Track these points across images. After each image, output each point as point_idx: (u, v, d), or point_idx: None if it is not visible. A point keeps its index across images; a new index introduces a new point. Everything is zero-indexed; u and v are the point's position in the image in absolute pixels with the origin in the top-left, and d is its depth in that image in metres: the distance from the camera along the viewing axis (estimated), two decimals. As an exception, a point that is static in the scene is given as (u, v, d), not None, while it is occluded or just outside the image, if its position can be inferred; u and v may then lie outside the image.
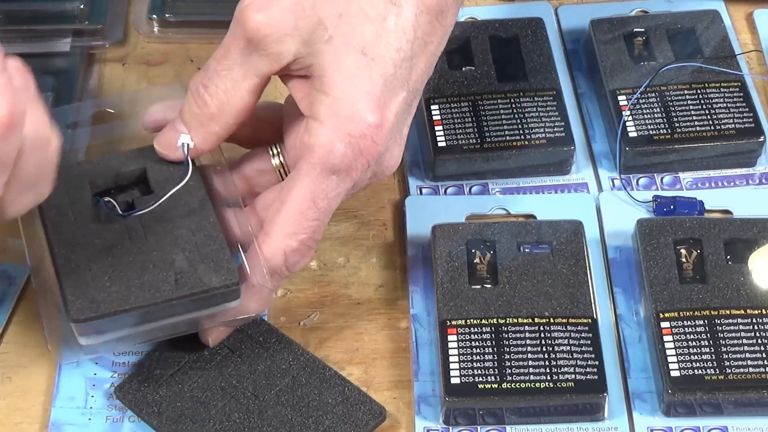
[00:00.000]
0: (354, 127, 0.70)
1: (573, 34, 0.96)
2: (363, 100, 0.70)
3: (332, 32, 0.70)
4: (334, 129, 0.70)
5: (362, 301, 0.82)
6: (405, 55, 0.71)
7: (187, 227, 0.73)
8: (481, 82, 0.90)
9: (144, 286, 0.71)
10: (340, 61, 0.70)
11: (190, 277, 0.72)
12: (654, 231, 0.82)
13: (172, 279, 0.71)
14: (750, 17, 0.97)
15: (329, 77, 0.70)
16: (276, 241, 0.72)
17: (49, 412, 0.76)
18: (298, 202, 0.72)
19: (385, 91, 0.71)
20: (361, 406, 0.74)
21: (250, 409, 0.74)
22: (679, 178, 0.88)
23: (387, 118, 0.71)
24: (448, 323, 0.77)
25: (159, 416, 0.74)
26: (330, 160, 0.71)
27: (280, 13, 0.70)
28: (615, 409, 0.76)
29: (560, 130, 0.88)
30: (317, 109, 0.71)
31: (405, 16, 0.71)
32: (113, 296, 0.71)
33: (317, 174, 0.71)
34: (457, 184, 0.87)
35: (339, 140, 0.70)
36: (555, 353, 0.76)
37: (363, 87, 0.70)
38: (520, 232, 0.82)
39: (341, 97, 0.70)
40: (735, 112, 0.88)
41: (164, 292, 0.71)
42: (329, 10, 0.70)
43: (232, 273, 0.72)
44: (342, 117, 0.70)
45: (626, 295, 0.81)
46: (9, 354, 0.79)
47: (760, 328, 0.76)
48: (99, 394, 0.76)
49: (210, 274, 0.71)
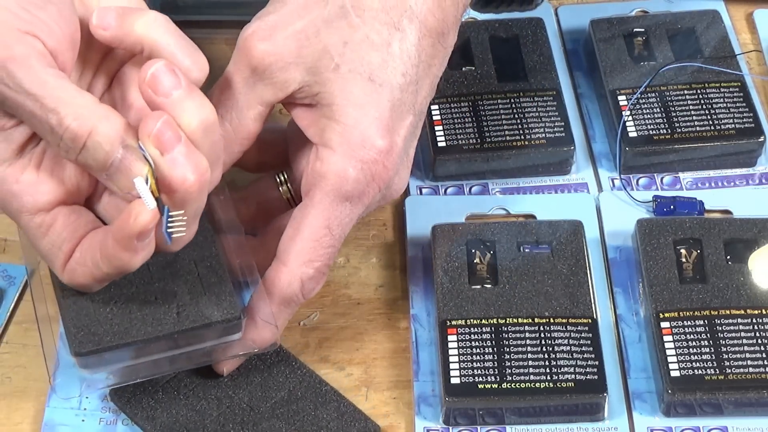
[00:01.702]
0: (365, 153, 0.70)
1: (573, 34, 0.96)
2: (373, 126, 0.70)
3: (338, 60, 0.70)
4: (346, 156, 0.70)
5: (362, 301, 0.82)
6: (411, 79, 0.71)
7: (190, 258, 0.73)
8: (481, 82, 0.90)
9: (146, 319, 0.71)
10: (349, 89, 0.70)
11: (192, 310, 0.71)
12: (654, 231, 0.82)
13: (174, 312, 0.71)
14: (750, 17, 0.97)
15: (339, 105, 0.70)
16: (293, 270, 0.72)
17: (43, 412, 0.76)
18: (313, 230, 0.72)
19: (393, 116, 0.71)
20: (356, 423, 0.74)
21: (245, 421, 0.74)
22: (679, 178, 0.88)
23: (396, 142, 0.71)
24: (448, 323, 0.77)
25: (153, 421, 0.74)
26: (343, 186, 0.71)
27: (283, 42, 0.70)
28: (615, 409, 0.76)
29: (560, 130, 0.88)
30: (328, 136, 0.71)
31: (409, 41, 0.71)
32: (115, 329, 0.70)
33: (331, 201, 0.71)
34: (457, 184, 0.88)
35: (351, 167, 0.70)
36: (555, 353, 0.76)
37: (372, 113, 0.70)
38: (520, 232, 0.82)
39: (352, 124, 0.70)
40: (735, 112, 0.88)
41: (166, 326, 0.71)
42: (334, 39, 0.70)
43: (234, 306, 0.71)
44: (353, 144, 0.70)
45: (626, 295, 0.81)
46: (9, 354, 0.79)
47: (760, 328, 0.76)
48: (93, 396, 0.76)
49: (212, 307, 0.71)
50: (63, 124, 0.63)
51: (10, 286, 0.81)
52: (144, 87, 0.65)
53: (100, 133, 0.64)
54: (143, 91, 0.65)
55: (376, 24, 0.70)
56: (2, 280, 0.81)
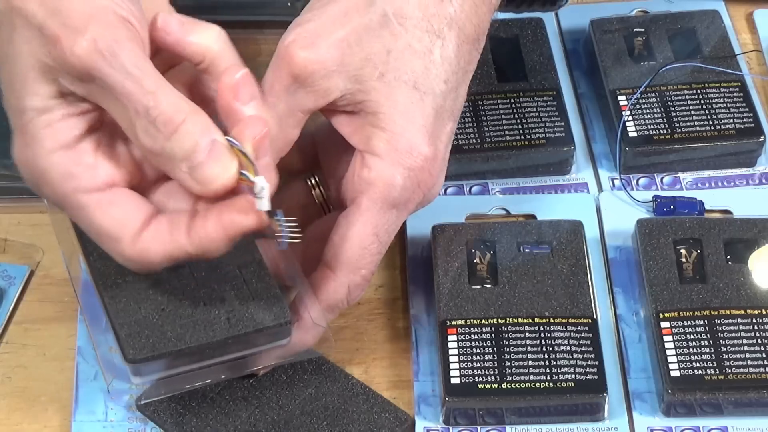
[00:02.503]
0: (413, 160, 0.71)
1: (573, 34, 0.96)
2: (419, 134, 0.71)
3: (382, 69, 0.70)
4: (393, 163, 0.71)
5: (362, 301, 0.81)
6: (452, 86, 0.72)
7: (233, 263, 0.73)
8: (481, 82, 0.90)
9: (197, 325, 0.71)
10: (394, 97, 0.70)
11: (243, 315, 0.71)
12: (654, 231, 0.82)
13: (224, 317, 0.71)
14: (750, 17, 0.97)
15: (385, 113, 0.71)
16: (341, 278, 0.72)
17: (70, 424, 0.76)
18: (362, 238, 0.72)
19: (437, 123, 0.71)
20: (386, 414, 0.75)
21: (276, 420, 0.74)
22: (679, 178, 0.88)
23: (440, 149, 0.72)
24: (448, 323, 0.77)
25: (182, 427, 0.74)
26: (391, 194, 0.71)
27: (326, 50, 0.70)
28: (615, 409, 0.76)
29: (560, 130, 0.88)
30: (375, 144, 0.71)
31: (449, 48, 0.71)
32: (168, 335, 0.70)
33: (379, 209, 0.71)
34: (457, 184, 0.88)
35: (399, 174, 0.71)
36: (555, 353, 0.76)
37: (418, 121, 0.71)
38: (520, 232, 0.82)
39: (399, 132, 0.70)
40: (735, 112, 0.88)
41: (218, 331, 0.70)
42: (376, 47, 0.70)
43: (283, 311, 0.71)
44: (401, 151, 0.71)
45: (626, 295, 0.81)
46: (9, 354, 0.79)
47: (760, 328, 0.76)
48: (118, 407, 0.76)
49: (262, 312, 0.71)
50: (159, 107, 0.64)
51: (10, 286, 0.81)
52: (225, 91, 0.66)
53: (193, 121, 0.64)
54: (223, 94, 0.66)
55: (418, 32, 0.71)
56: (2, 280, 0.81)
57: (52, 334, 0.79)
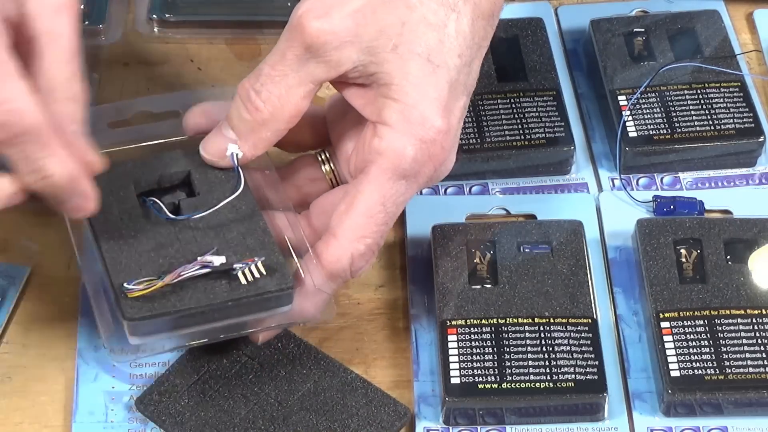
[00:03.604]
0: (425, 132, 0.71)
1: (573, 34, 0.96)
2: (433, 106, 0.71)
3: (396, 41, 0.70)
4: (405, 134, 0.71)
5: (362, 301, 0.82)
6: (465, 60, 0.72)
7: (238, 231, 0.73)
8: (481, 82, 0.90)
9: (198, 287, 0.71)
10: (408, 69, 0.71)
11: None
12: (654, 231, 0.82)
13: (225, 281, 0.71)
14: (750, 17, 0.97)
15: (398, 85, 0.71)
16: (344, 245, 0.72)
17: (71, 425, 0.75)
18: (368, 206, 0.72)
19: (450, 96, 0.71)
20: (385, 408, 0.75)
21: (275, 416, 0.74)
22: (679, 178, 0.88)
23: (452, 123, 0.72)
24: (448, 323, 0.77)
25: (182, 426, 0.74)
26: (401, 164, 0.71)
27: (340, 21, 0.70)
28: (615, 409, 0.76)
29: (560, 130, 0.88)
30: (387, 114, 0.71)
31: (464, 22, 0.72)
32: (167, 296, 0.70)
33: (388, 178, 0.71)
34: (457, 184, 0.88)
35: (411, 145, 0.71)
36: (555, 353, 0.76)
37: (431, 94, 0.71)
38: (520, 232, 0.82)
39: (412, 103, 0.71)
40: (735, 112, 0.88)
41: (219, 295, 0.70)
42: (391, 19, 0.70)
43: (286, 277, 0.71)
44: (413, 122, 0.71)
45: (626, 295, 0.81)
46: (9, 354, 0.79)
47: (760, 328, 0.76)
48: (119, 408, 0.76)
49: (264, 277, 0.71)
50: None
51: (10, 286, 0.81)
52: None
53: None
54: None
55: (433, 5, 0.71)
56: (2, 280, 0.81)
57: (52, 334, 0.79)
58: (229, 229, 0.73)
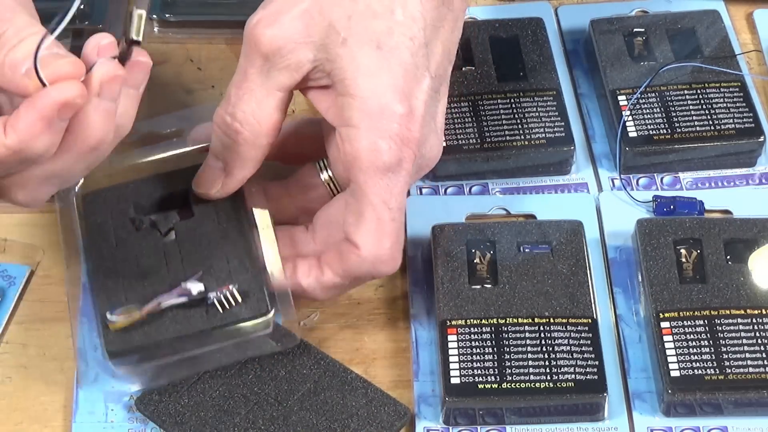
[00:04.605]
0: (387, 121, 0.71)
1: (573, 34, 0.96)
2: (388, 92, 0.71)
3: (345, 34, 0.71)
4: (370, 130, 0.71)
5: (362, 301, 0.82)
6: (419, 42, 0.72)
7: (224, 253, 0.73)
8: (481, 82, 0.90)
9: (177, 317, 0.71)
10: (358, 60, 0.71)
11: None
12: (654, 231, 0.82)
13: (203, 309, 0.71)
14: (750, 17, 0.97)
15: (351, 78, 0.71)
16: (365, 252, 0.72)
17: (71, 425, 0.75)
18: (373, 210, 0.72)
19: (407, 79, 0.71)
20: (385, 407, 0.75)
21: (275, 416, 0.74)
22: (679, 178, 0.88)
23: (415, 106, 0.72)
24: (448, 323, 0.77)
25: (182, 426, 0.74)
26: (380, 159, 0.71)
27: (290, 24, 0.71)
28: (615, 409, 0.76)
29: (560, 130, 0.88)
30: (348, 115, 0.71)
31: (411, 6, 0.72)
32: (146, 328, 0.71)
33: (374, 178, 0.71)
34: (457, 184, 0.88)
35: (379, 138, 0.71)
36: (555, 353, 0.76)
37: (385, 81, 0.71)
38: (520, 232, 0.82)
39: (367, 95, 0.71)
40: (735, 112, 0.88)
41: (195, 324, 0.71)
42: (338, 13, 0.71)
43: (262, 303, 0.72)
44: (373, 114, 0.71)
45: (626, 295, 0.81)
46: (9, 354, 0.79)
47: (760, 328, 0.76)
48: (119, 408, 0.76)
49: (240, 304, 0.72)
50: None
51: (10, 286, 0.81)
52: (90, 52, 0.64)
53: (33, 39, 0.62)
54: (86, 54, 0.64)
55: None
56: (2, 280, 0.81)
57: (52, 334, 0.79)
58: (216, 251, 0.73)
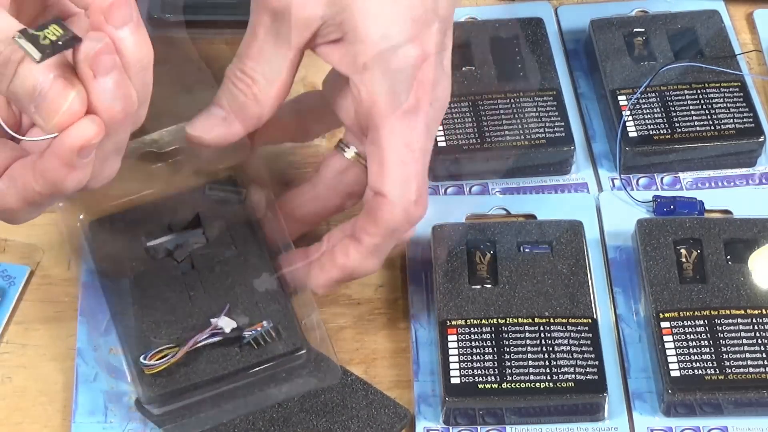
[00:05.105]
0: (401, 62, 0.71)
1: (573, 34, 0.96)
2: (400, 36, 0.71)
3: None
4: (385, 72, 0.71)
5: (362, 301, 0.82)
6: None
7: (247, 281, 0.74)
8: (481, 82, 0.90)
9: (211, 357, 0.72)
10: (367, 8, 0.70)
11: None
12: (654, 231, 0.82)
13: (238, 347, 0.72)
14: (750, 17, 0.97)
15: (362, 26, 0.71)
16: (395, 198, 0.71)
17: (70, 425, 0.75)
18: (395, 154, 0.71)
19: (418, 23, 0.71)
20: (385, 410, 0.75)
21: (275, 418, 0.74)
22: (679, 178, 0.88)
23: (428, 48, 0.71)
24: (448, 323, 0.77)
25: (182, 427, 0.74)
26: (397, 101, 0.71)
27: None
28: (615, 409, 0.76)
29: (560, 130, 0.88)
30: (362, 61, 0.71)
31: None
32: (181, 370, 0.71)
33: (394, 120, 0.71)
34: (457, 184, 0.87)
35: (393, 79, 0.71)
36: (555, 353, 0.76)
37: (397, 25, 0.71)
38: (520, 232, 0.82)
39: (379, 39, 0.70)
40: (735, 112, 0.88)
41: (231, 363, 0.72)
42: None
43: (296, 338, 0.72)
44: (387, 58, 0.71)
45: (626, 295, 0.81)
46: (9, 354, 0.79)
47: (760, 328, 0.76)
48: (118, 408, 0.76)
49: (275, 341, 0.72)
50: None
51: (10, 286, 0.81)
52: (97, 12, 0.62)
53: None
54: (94, 15, 0.62)
55: None
56: (2, 280, 0.81)
57: (52, 334, 0.79)
58: (241, 288, 0.73)
